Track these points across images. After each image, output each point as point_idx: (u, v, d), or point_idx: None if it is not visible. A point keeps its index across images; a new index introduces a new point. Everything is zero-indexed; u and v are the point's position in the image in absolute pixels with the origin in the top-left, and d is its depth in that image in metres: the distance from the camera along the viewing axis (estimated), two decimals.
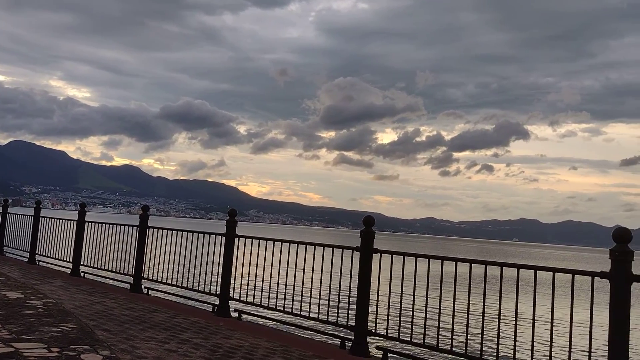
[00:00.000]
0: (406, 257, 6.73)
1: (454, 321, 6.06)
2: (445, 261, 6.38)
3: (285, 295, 8.05)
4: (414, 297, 6.43)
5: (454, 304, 6.03)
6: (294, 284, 7.93)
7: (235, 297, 8.84)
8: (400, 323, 6.79)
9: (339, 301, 7.25)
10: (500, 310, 5.74)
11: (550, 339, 5.29)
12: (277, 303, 8.13)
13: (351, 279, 7.08)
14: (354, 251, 7.08)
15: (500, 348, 5.77)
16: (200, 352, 6.04)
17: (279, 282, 8.30)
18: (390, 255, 6.85)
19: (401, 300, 6.63)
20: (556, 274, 5.39)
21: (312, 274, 7.70)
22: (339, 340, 7.16)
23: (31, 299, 8.43)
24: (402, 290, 6.58)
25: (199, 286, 9.55)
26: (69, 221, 13.39)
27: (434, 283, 6.30)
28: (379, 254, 6.93)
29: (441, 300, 6.26)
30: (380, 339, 7.13)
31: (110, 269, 11.66)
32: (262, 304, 8.38)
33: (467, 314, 5.94)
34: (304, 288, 7.84)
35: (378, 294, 6.88)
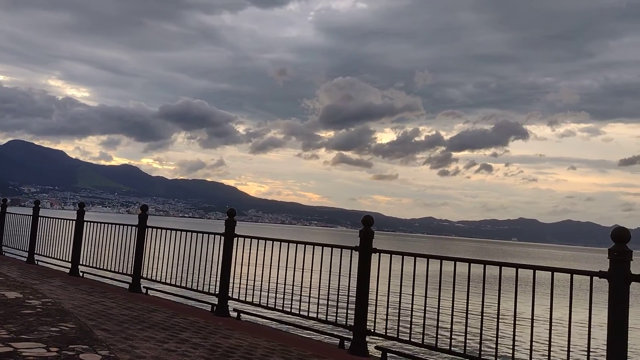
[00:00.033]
0: (405, 257, 6.73)
1: (452, 321, 6.06)
2: (444, 261, 6.39)
3: (284, 295, 8.05)
4: (412, 296, 6.43)
5: (453, 304, 6.04)
6: (293, 284, 7.92)
7: (234, 296, 8.84)
8: (399, 323, 6.79)
9: (338, 301, 7.25)
10: (499, 309, 5.74)
11: (549, 339, 5.29)
12: (276, 303, 8.13)
13: (350, 279, 7.08)
14: (353, 251, 7.08)
15: (499, 348, 5.77)
16: (199, 351, 6.04)
17: (277, 282, 8.29)
18: (389, 255, 6.86)
19: (400, 299, 6.63)
20: (555, 273, 5.40)
21: (311, 273, 7.70)
22: (338, 339, 7.16)
23: (30, 299, 8.43)
24: (401, 290, 6.58)
25: (197, 286, 9.55)
26: (68, 221, 13.38)
27: (433, 283, 6.30)
28: (378, 253, 6.93)
29: (440, 300, 6.27)
30: (379, 338, 7.13)
31: (109, 268, 11.65)
32: (261, 303, 8.38)
33: (466, 313, 5.94)
34: (303, 288, 7.84)
35: (377, 293, 6.89)
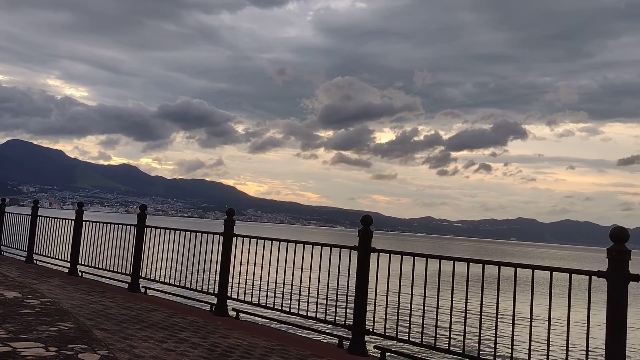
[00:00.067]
0: (404, 257, 6.73)
1: (451, 320, 6.07)
2: (443, 260, 6.39)
3: (283, 294, 8.05)
4: (411, 296, 6.43)
5: (452, 303, 6.04)
6: (292, 284, 7.93)
7: (233, 296, 8.84)
8: (398, 322, 6.79)
9: (337, 300, 7.26)
10: (497, 309, 5.74)
11: (548, 338, 5.30)
12: (275, 302, 8.13)
13: (349, 278, 7.08)
14: (352, 250, 7.08)
15: (498, 347, 5.77)
16: (198, 351, 6.04)
17: (276, 282, 8.29)
18: (388, 255, 6.86)
19: (399, 299, 6.63)
20: (554, 273, 5.41)
21: (310, 273, 7.70)
22: (337, 339, 7.16)
23: (29, 299, 8.43)
24: (399, 290, 6.58)
25: (196, 285, 9.54)
26: (67, 220, 13.37)
27: (432, 282, 6.30)
28: (376, 253, 6.94)
29: (439, 299, 6.27)
30: (378, 338, 7.14)
31: (108, 268, 11.65)
32: (260, 303, 8.38)
33: (464, 313, 5.95)
34: (302, 287, 7.84)
35: (376, 293, 6.89)
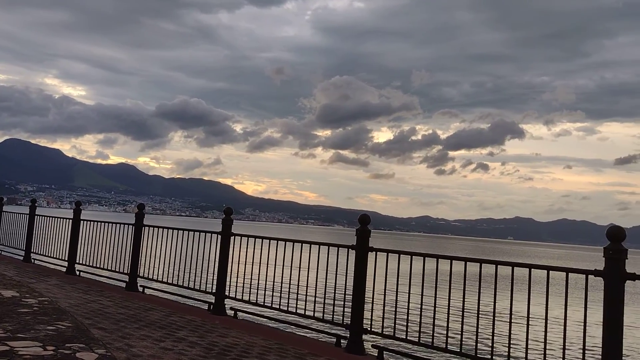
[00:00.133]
0: (401, 256, 6.74)
1: (449, 319, 6.08)
2: (440, 259, 6.40)
3: (281, 293, 8.06)
4: (409, 295, 6.45)
5: (449, 302, 6.06)
6: (290, 283, 7.94)
7: (231, 295, 8.85)
8: (395, 321, 6.81)
9: (335, 299, 7.27)
10: (495, 308, 5.76)
11: (545, 337, 5.31)
12: (273, 301, 8.14)
13: (347, 277, 7.10)
14: (350, 249, 7.09)
15: (496, 346, 5.79)
16: (195, 350, 6.04)
17: (274, 281, 8.30)
18: (386, 254, 6.87)
19: (397, 298, 6.64)
20: (551, 272, 5.42)
21: (308, 272, 7.71)
22: (335, 338, 7.18)
23: (26, 298, 8.42)
24: (397, 289, 6.59)
25: (194, 285, 9.54)
26: (65, 219, 13.36)
27: (429, 281, 6.32)
28: (374, 252, 6.95)
29: (436, 298, 6.28)
30: (376, 337, 7.15)
31: (105, 267, 11.64)
32: (258, 302, 8.38)
33: (462, 312, 5.96)
34: (299, 286, 7.85)
35: (374, 292, 6.89)
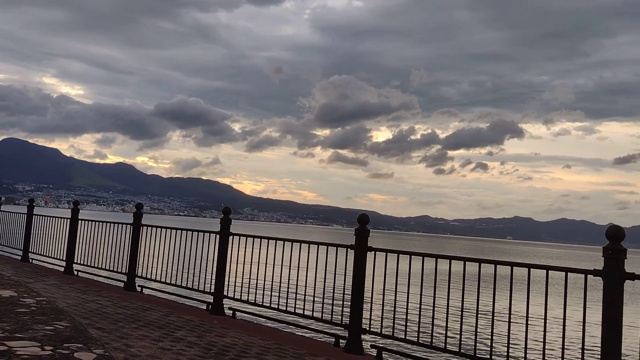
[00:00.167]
0: (400, 255, 6.73)
1: (448, 319, 6.07)
2: (439, 259, 6.40)
3: (280, 293, 8.04)
4: (408, 295, 6.44)
5: (448, 302, 6.05)
6: (289, 282, 7.92)
7: (229, 295, 8.83)
8: (394, 321, 6.80)
9: (334, 299, 7.25)
10: (494, 308, 5.75)
11: (544, 336, 5.31)
12: (271, 301, 8.13)
13: (345, 277, 7.09)
14: (349, 249, 7.08)
15: (495, 346, 5.79)
16: (194, 350, 6.03)
17: (273, 281, 8.29)
18: (385, 253, 6.86)
19: (395, 298, 6.64)
20: (550, 272, 5.42)
21: (307, 272, 7.70)
22: (334, 338, 7.16)
23: (24, 297, 8.40)
24: (396, 288, 6.59)
25: (193, 284, 9.53)
26: (63, 219, 13.34)
27: (428, 281, 6.31)
28: (373, 252, 6.94)
29: (435, 298, 6.28)
30: (375, 337, 7.14)
31: (103, 267, 11.62)
32: (257, 302, 8.37)
33: (461, 311, 5.96)
34: (298, 286, 7.84)
35: (372, 292, 6.89)
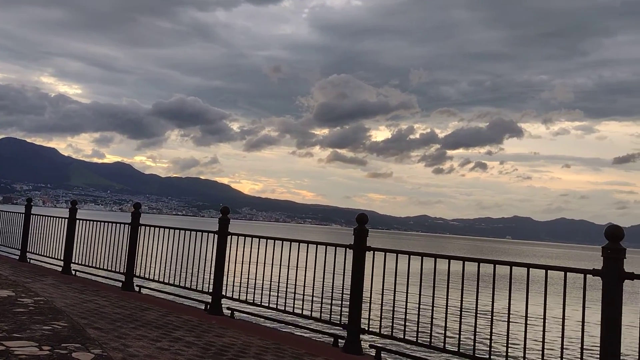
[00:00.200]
0: (399, 255, 6.73)
1: (447, 319, 6.06)
2: (438, 259, 6.39)
3: (278, 293, 8.03)
4: (407, 295, 6.43)
5: (447, 302, 6.04)
6: (287, 282, 7.91)
7: (228, 295, 8.82)
8: (393, 321, 6.79)
9: (332, 299, 7.24)
10: (493, 307, 5.74)
11: (543, 336, 5.30)
12: (270, 301, 8.12)
13: (344, 277, 7.07)
14: (347, 249, 7.07)
15: (494, 345, 5.78)
16: (192, 350, 6.01)
17: (271, 280, 8.28)
18: (384, 253, 6.85)
19: (394, 298, 6.63)
20: (549, 271, 5.42)
21: (306, 271, 7.69)
22: (332, 338, 7.15)
23: (22, 297, 8.37)
24: (395, 288, 6.58)
25: (191, 284, 9.51)
26: (60, 219, 13.31)
27: (427, 281, 6.30)
28: (372, 251, 6.93)
29: (434, 298, 6.26)
30: (374, 337, 7.14)
31: (101, 267, 11.60)
32: (255, 302, 8.36)
33: (460, 311, 5.95)
34: (297, 286, 7.83)
35: (371, 291, 6.88)
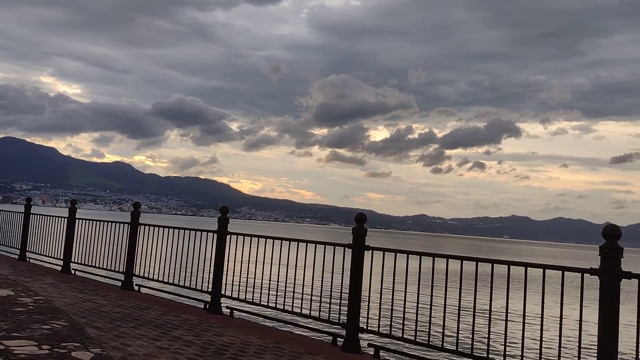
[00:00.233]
0: (398, 254, 6.75)
1: (445, 318, 6.09)
2: (436, 258, 6.40)
3: (277, 292, 8.05)
4: (405, 294, 6.44)
5: (446, 301, 6.06)
6: (286, 281, 7.93)
7: (227, 294, 8.83)
8: (392, 320, 6.81)
9: (331, 298, 7.26)
10: (491, 306, 5.76)
11: (541, 335, 5.32)
12: (269, 300, 8.14)
13: (343, 276, 7.09)
14: (346, 248, 7.09)
15: (492, 344, 5.80)
16: (191, 349, 6.03)
17: (270, 280, 8.30)
18: (382, 252, 6.86)
19: (393, 297, 6.65)
20: (547, 270, 5.43)
21: (304, 271, 7.71)
22: (331, 337, 7.17)
23: (22, 297, 8.39)
24: (393, 287, 6.60)
25: (190, 283, 9.53)
26: (60, 218, 13.32)
27: (426, 280, 6.32)
28: (370, 251, 6.95)
29: (432, 297, 6.29)
30: (373, 335, 7.16)
31: (101, 266, 11.61)
32: (254, 301, 8.38)
33: (458, 310, 5.97)
34: (296, 285, 7.85)
35: (370, 291, 6.90)
